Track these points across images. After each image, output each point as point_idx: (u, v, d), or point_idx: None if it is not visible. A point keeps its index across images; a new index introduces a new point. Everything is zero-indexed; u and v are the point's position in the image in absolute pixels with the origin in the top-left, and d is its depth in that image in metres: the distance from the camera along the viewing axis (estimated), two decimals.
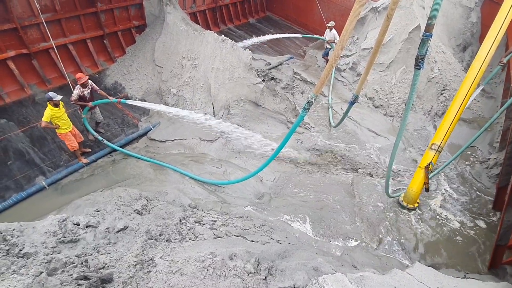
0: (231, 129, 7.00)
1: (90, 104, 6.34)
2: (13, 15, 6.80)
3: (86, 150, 6.66)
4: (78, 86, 6.15)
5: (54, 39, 7.59)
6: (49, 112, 5.44)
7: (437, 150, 5.79)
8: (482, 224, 5.97)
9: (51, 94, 5.43)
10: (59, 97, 5.45)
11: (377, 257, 5.22)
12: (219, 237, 4.21)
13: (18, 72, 7.23)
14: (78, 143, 6.18)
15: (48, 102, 5.45)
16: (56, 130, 5.78)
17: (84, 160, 6.35)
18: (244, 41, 10.82)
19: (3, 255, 2.95)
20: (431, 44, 8.26)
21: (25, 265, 2.89)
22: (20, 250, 3.06)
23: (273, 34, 11.84)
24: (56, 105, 5.48)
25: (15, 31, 7.00)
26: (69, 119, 5.86)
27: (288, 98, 8.79)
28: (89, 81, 6.41)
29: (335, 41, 9.77)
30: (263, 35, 11.20)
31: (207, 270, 3.05)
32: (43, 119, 5.46)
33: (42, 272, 2.80)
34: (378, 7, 9.86)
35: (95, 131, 6.91)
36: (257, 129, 7.70)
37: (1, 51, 6.94)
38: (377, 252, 5.34)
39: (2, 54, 6.93)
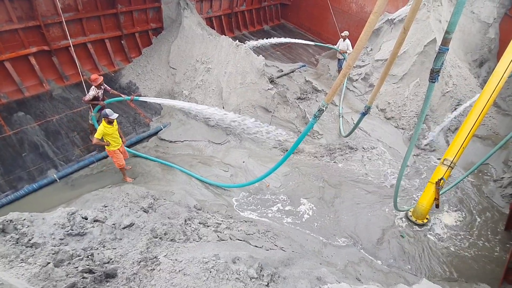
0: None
1: (103, 103, 6.42)
2: (38, 13, 7.07)
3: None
4: (93, 87, 6.23)
5: (75, 38, 7.87)
6: (102, 129, 5.27)
7: (449, 166, 5.67)
8: (493, 244, 5.77)
9: (107, 111, 5.26)
10: (115, 115, 5.30)
11: (382, 272, 5.10)
12: (223, 240, 4.20)
13: (39, 68, 7.49)
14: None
15: (103, 119, 5.29)
16: (106, 146, 5.62)
17: (129, 180, 6.02)
18: (250, 41, 10.32)
19: (13, 244, 3.02)
20: (447, 59, 8.15)
21: (33, 255, 2.95)
22: (29, 240, 3.12)
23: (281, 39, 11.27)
24: (110, 122, 5.32)
25: (38, 28, 7.27)
26: (119, 137, 5.66)
27: (298, 105, 8.79)
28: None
29: (347, 51, 9.75)
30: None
31: (210, 272, 3.04)
32: (96, 135, 5.29)
33: (49, 263, 2.84)
34: (394, 19, 9.84)
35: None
36: None
37: (24, 47, 7.22)
38: (382, 267, 5.22)
39: (24, 50, 7.20)
